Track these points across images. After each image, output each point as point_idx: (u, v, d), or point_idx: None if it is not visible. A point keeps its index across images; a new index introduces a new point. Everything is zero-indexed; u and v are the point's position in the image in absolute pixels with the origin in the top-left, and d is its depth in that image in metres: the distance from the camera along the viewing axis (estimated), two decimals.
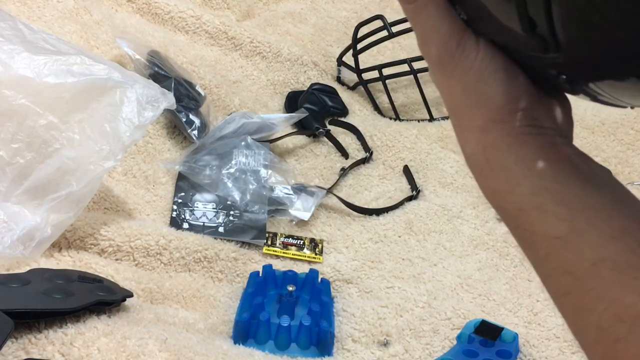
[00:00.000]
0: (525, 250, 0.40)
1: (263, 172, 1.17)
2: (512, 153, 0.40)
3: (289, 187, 1.17)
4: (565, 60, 0.35)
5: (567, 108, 0.43)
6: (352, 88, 1.46)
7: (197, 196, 1.14)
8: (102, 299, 0.83)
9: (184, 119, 1.19)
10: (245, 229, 1.10)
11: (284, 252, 1.10)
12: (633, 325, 0.35)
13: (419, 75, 1.37)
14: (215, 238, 1.07)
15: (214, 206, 1.13)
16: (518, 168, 0.39)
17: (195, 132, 1.19)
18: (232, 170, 1.16)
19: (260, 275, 1.03)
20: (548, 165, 0.39)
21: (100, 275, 0.90)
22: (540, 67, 0.39)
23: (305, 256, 1.10)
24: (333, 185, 1.22)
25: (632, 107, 0.41)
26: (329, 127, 1.34)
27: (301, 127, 1.32)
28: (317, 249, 1.11)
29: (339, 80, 1.48)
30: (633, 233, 0.37)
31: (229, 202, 1.13)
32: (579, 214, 0.37)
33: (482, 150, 0.41)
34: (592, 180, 0.39)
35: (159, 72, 1.22)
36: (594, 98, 0.38)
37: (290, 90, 1.42)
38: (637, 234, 0.36)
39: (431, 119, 1.40)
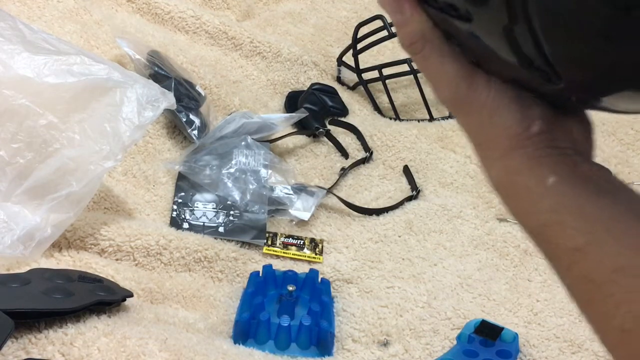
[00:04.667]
0: (551, 263, 0.42)
1: (263, 172, 1.17)
2: (532, 175, 0.42)
3: (289, 187, 1.17)
4: (568, 87, 0.38)
5: (586, 126, 0.46)
6: (352, 88, 1.46)
7: (197, 196, 1.14)
8: (102, 299, 0.83)
9: (184, 119, 1.19)
10: (245, 229, 1.10)
11: (284, 252, 1.10)
12: None
13: (419, 75, 1.37)
14: (215, 238, 1.07)
15: (214, 206, 1.13)
16: (539, 188, 0.41)
17: (195, 132, 1.19)
18: (232, 170, 1.16)
19: (260, 275, 1.03)
20: (566, 184, 0.41)
21: (100, 275, 0.90)
22: (551, 93, 0.41)
23: (305, 256, 1.10)
24: (333, 185, 1.22)
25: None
26: (329, 127, 1.34)
27: (301, 127, 1.32)
28: (317, 249, 1.11)
29: (339, 80, 1.48)
30: None
31: (229, 202, 1.13)
32: (597, 226, 0.39)
33: (505, 174, 0.43)
34: (609, 194, 0.41)
35: (159, 72, 1.22)
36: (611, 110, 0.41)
37: (290, 90, 1.42)
38: None
39: (431, 119, 1.40)
